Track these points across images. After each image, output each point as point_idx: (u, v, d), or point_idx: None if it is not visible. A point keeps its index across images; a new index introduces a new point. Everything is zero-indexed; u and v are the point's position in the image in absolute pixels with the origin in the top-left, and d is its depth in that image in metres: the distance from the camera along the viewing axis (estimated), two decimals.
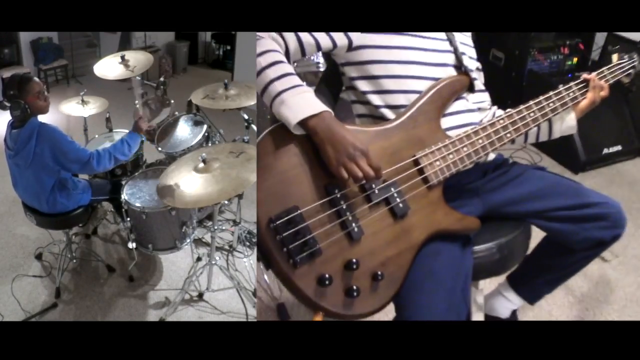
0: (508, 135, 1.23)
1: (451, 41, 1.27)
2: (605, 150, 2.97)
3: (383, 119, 1.23)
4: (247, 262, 2.32)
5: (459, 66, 1.27)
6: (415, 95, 1.21)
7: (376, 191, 1.07)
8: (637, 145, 3.06)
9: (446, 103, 1.21)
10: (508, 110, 1.27)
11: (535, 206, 1.27)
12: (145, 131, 2.01)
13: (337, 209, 1.02)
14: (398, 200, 1.09)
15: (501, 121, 1.23)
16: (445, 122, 1.21)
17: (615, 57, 1.49)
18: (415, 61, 1.21)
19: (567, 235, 1.27)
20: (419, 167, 1.14)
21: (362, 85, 1.23)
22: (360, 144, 1.00)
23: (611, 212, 1.24)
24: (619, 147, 3.00)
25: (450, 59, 1.26)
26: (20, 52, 4.53)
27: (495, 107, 1.40)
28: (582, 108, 1.40)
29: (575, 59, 3.20)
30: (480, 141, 1.20)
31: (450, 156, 1.17)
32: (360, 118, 1.31)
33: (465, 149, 1.18)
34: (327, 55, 1.39)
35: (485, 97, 1.35)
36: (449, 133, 1.20)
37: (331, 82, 1.40)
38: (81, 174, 2.17)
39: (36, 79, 1.87)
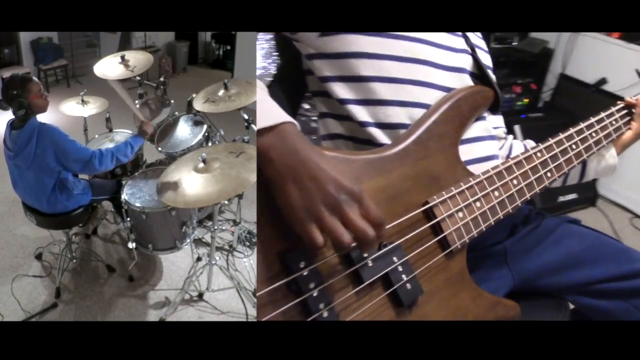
0: (549, 175, 0.92)
1: (467, 39, 0.95)
2: (561, 198, 2.88)
3: (371, 143, 0.86)
4: (247, 262, 2.32)
5: (479, 74, 0.95)
6: (421, 111, 0.86)
7: (369, 263, 0.69)
8: (592, 194, 2.99)
9: (466, 124, 0.88)
10: (545, 141, 0.96)
11: (578, 276, 0.97)
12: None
13: (304, 298, 0.63)
14: (404, 277, 0.72)
15: (539, 154, 0.92)
16: (460, 153, 0.87)
17: None
18: (423, 60, 0.87)
19: (616, 317, 0.96)
20: (435, 221, 0.78)
21: (340, 91, 0.87)
22: (349, 182, 0.63)
23: None
24: (574, 195, 2.91)
25: (467, 62, 0.94)
26: (20, 52, 4.53)
27: (512, 137, 1.07)
28: (625, 142, 1.10)
29: (526, 100, 3.13)
30: (515, 182, 0.87)
31: (478, 204, 0.82)
32: (333, 141, 0.93)
33: (496, 193, 0.85)
34: (284, 44, 1.01)
35: (501, 121, 1.03)
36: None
37: (287, 84, 1.00)
38: (82, 174, 2.17)
39: (35, 78, 1.89)
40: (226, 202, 2.48)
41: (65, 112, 2.46)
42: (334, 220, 0.61)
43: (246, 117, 2.24)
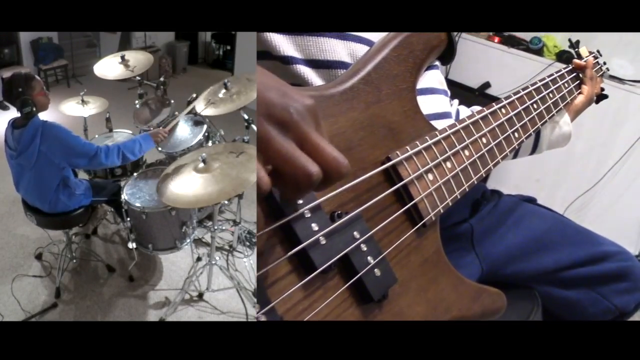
0: (516, 135, 0.83)
1: None
2: None
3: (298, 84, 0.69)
4: (247, 262, 2.32)
5: None
6: (365, 48, 0.71)
7: (322, 241, 0.52)
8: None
9: (421, 67, 0.74)
10: (506, 97, 0.85)
11: (545, 261, 0.92)
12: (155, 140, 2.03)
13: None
14: (370, 260, 0.56)
15: (503, 110, 0.82)
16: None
17: (584, 49, 1.15)
18: None
19: (584, 308, 0.92)
20: (401, 183, 0.63)
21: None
22: (308, 99, 0.45)
23: (630, 267, 0.93)
24: None
25: None
26: (20, 52, 4.53)
27: (456, 101, 0.98)
28: (578, 107, 1.05)
29: None
30: (484, 140, 0.75)
31: (448, 165, 0.69)
32: None
33: (466, 152, 0.72)
34: None
35: (443, 80, 0.88)
36: None
37: None
38: (87, 168, 2.17)
39: (37, 76, 1.90)
40: (226, 202, 2.48)
41: (65, 112, 2.46)
42: (287, 141, 0.43)
43: (246, 117, 2.24)
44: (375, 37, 0.74)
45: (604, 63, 1.23)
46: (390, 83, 0.68)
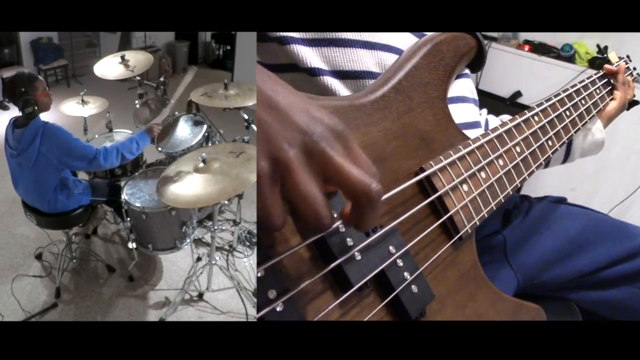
0: (550, 144, 0.80)
1: None
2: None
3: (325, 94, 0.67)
4: (247, 262, 2.32)
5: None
6: (393, 57, 0.69)
7: (357, 257, 0.50)
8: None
9: (451, 75, 0.72)
10: (538, 105, 0.83)
11: (582, 263, 0.86)
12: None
13: (262, 316, 0.44)
14: (407, 276, 0.54)
15: (536, 118, 0.79)
16: None
17: (613, 55, 1.15)
18: None
19: (627, 306, 0.85)
20: (436, 195, 0.61)
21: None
22: (325, 114, 0.42)
23: None
24: None
25: None
26: (20, 52, 4.53)
27: (485, 111, 0.96)
28: (611, 113, 1.02)
29: None
30: (518, 149, 0.73)
31: (483, 175, 0.67)
32: None
33: (500, 162, 0.70)
34: None
35: (474, 89, 0.86)
36: None
37: None
38: (86, 171, 2.17)
39: (39, 76, 1.90)
40: (226, 202, 2.48)
41: (65, 112, 2.46)
42: (307, 175, 0.39)
43: (246, 117, 2.24)
44: (404, 45, 0.72)
45: (634, 68, 1.22)
46: (421, 91, 0.67)
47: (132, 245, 2.03)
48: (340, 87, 0.67)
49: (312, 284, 0.48)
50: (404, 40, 0.73)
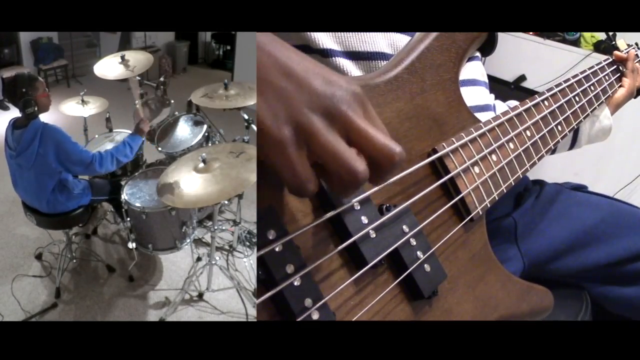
0: (559, 128, 0.81)
1: None
2: None
3: None
4: (247, 262, 2.32)
5: None
6: (405, 39, 0.69)
7: (372, 234, 0.51)
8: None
9: (463, 58, 0.72)
10: (548, 90, 0.82)
11: (596, 256, 0.82)
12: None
13: (279, 290, 0.45)
14: (420, 255, 0.55)
15: (546, 103, 0.79)
16: None
17: (622, 42, 1.12)
18: None
19: None
20: (449, 176, 0.62)
21: None
22: (343, 78, 0.42)
23: None
24: None
25: None
26: (20, 52, 4.53)
27: (492, 96, 0.92)
28: (618, 100, 1.01)
29: None
30: (528, 133, 0.74)
31: (494, 158, 0.68)
32: None
33: (511, 145, 0.71)
34: None
35: (484, 72, 0.85)
36: None
37: None
38: (83, 175, 2.17)
39: (39, 77, 1.91)
40: (226, 202, 2.48)
41: (65, 112, 2.46)
42: (332, 135, 0.39)
43: (246, 117, 2.24)
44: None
45: None
46: (434, 73, 0.67)
47: (132, 245, 2.03)
48: (352, 68, 0.67)
49: (328, 260, 0.48)
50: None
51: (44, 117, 1.84)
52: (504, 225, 0.88)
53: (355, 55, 0.67)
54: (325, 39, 0.66)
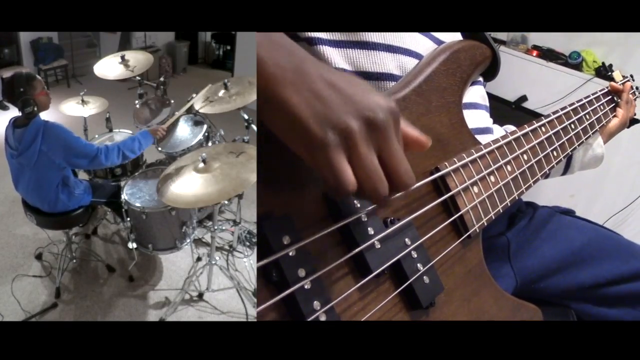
0: (555, 154, 0.85)
1: None
2: None
3: None
4: (247, 262, 2.32)
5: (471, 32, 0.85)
6: (413, 61, 0.72)
7: (377, 245, 0.54)
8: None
9: (467, 82, 0.76)
10: (546, 117, 0.87)
11: (583, 276, 0.86)
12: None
13: (292, 292, 0.47)
14: (420, 267, 0.58)
15: (543, 129, 0.83)
16: None
17: (618, 73, 1.19)
18: None
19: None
20: (449, 194, 0.65)
21: None
22: (392, 102, 0.45)
23: None
24: None
25: None
26: (20, 52, 4.53)
27: (490, 120, 0.96)
28: (612, 130, 1.05)
29: None
30: (525, 157, 0.78)
31: (492, 179, 0.71)
32: None
33: (509, 168, 0.74)
34: None
35: (486, 96, 0.90)
36: None
37: None
38: (82, 173, 2.18)
39: (37, 76, 1.90)
40: (226, 202, 2.48)
41: (65, 112, 2.46)
42: (369, 148, 0.43)
43: (246, 117, 2.24)
44: (424, 50, 0.76)
45: (637, 88, 1.25)
46: (439, 95, 0.71)
47: (132, 245, 2.03)
48: None
49: (336, 267, 0.52)
50: (424, 45, 0.76)
51: (44, 116, 1.84)
52: (498, 244, 0.92)
53: (365, 76, 0.69)
54: (337, 58, 0.69)
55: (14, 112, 1.85)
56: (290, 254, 0.48)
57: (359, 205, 0.54)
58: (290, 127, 0.42)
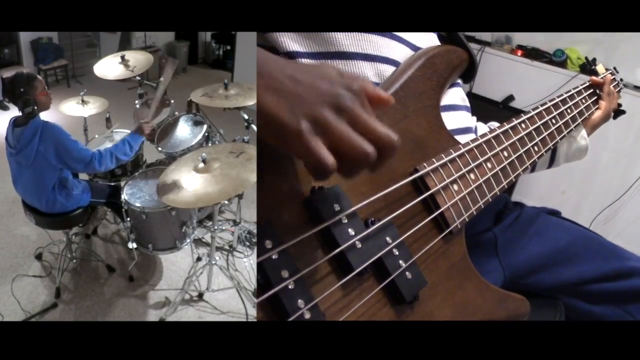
0: (536, 149, 0.87)
1: None
2: None
3: None
4: (247, 262, 2.32)
5: (448, 36, 0.88)
6: (391, 68, 0.75)
7: (357, 245, 0.56)
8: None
9: (444, 85, 0.79)
10: (525, 113, 0.89)
11: (568, 274, 0.91)
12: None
13: (275, 292, 0.50)
14: (402, 264, 0.60)
15: (523, 125, 0.86)
16: None
17: (601, 67, 1.20)
18: None
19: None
20: (428, 193, 0.67)
21: (288, 42, 0.71)
22: (355, 83, 0.49)
23: None
24: None
25: None
26: (20, 52, 4.54)
27: (474, 118, 0.98)
28: (595, 122, 1.08)
29: None
30: (505, 154, 0.80)
31: (472, 176, 0.73)
32: None
33: (489, 165, 0.77)
34: None
35: (465, 97, 0.92)
36: None
37: None
38: (82, 174, 2.17)
39: (38, 76, 1.90)
40: (226, 202, 2.48)
41: (65, 112, 2.46)
42: (343, 124, 0.47)
43: (246, 117, 2.24)
44: (401, 58, 0.79)
45: (621, 80, 1.27)
46: (416, 100, 0.74)
47: (132, 245, 2.03)
48: None
49: (319, 267, 0.55)
50: (401, 52, 0.79)
51: (44, 117, 1.84)
52: (485, 239, 0.95)
53: None
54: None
55: (14, 112, 1.85)
56: (273, 257, 0.50)
57: (338, 208, 0.57)
58: (268, 125, 0.46)
